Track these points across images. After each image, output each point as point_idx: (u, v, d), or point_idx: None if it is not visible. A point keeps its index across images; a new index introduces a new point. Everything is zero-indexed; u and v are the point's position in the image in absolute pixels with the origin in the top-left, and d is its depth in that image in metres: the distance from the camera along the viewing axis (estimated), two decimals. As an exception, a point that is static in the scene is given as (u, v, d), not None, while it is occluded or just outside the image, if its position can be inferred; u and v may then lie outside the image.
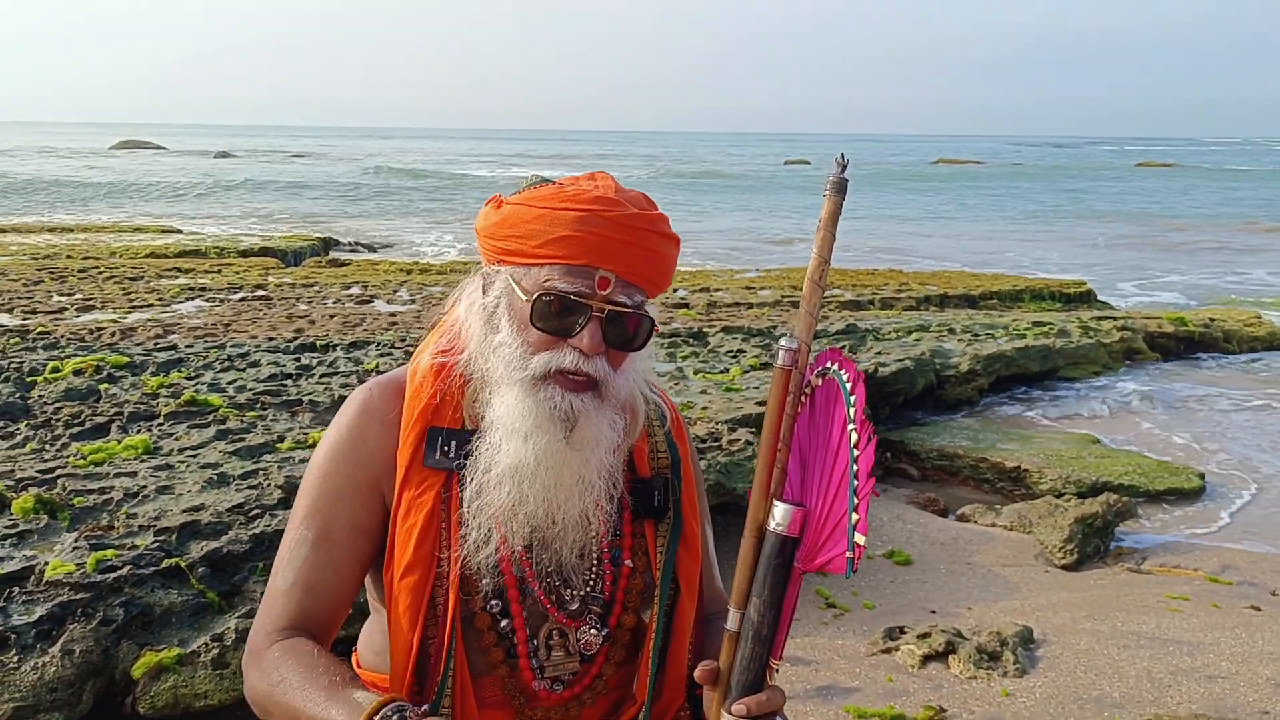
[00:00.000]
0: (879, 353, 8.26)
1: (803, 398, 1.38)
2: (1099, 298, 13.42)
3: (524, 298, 1.46)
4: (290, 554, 1.50)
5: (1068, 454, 6.94)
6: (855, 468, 1.28)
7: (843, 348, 8.28)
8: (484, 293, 1.53)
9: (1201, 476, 6.74)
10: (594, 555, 1.54)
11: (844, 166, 1.33)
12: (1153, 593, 4.99)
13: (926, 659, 4.12)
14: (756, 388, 6.56)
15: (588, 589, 1.53)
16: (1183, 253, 23.64)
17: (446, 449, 1.50)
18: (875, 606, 4.72)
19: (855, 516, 1.27)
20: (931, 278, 13.58)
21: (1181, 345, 11.09)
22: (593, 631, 1.52)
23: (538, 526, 1.48)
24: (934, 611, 4.67)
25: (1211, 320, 11.63)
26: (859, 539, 1.27)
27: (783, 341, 1.36)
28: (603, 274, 1.44)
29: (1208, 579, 5.21)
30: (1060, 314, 11.46)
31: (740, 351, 7.88)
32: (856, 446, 1.29)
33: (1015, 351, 9.05)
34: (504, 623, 1.49)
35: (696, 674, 1.39)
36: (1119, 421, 8.44)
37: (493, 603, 1.48)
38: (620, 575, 1.55)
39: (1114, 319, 11.32)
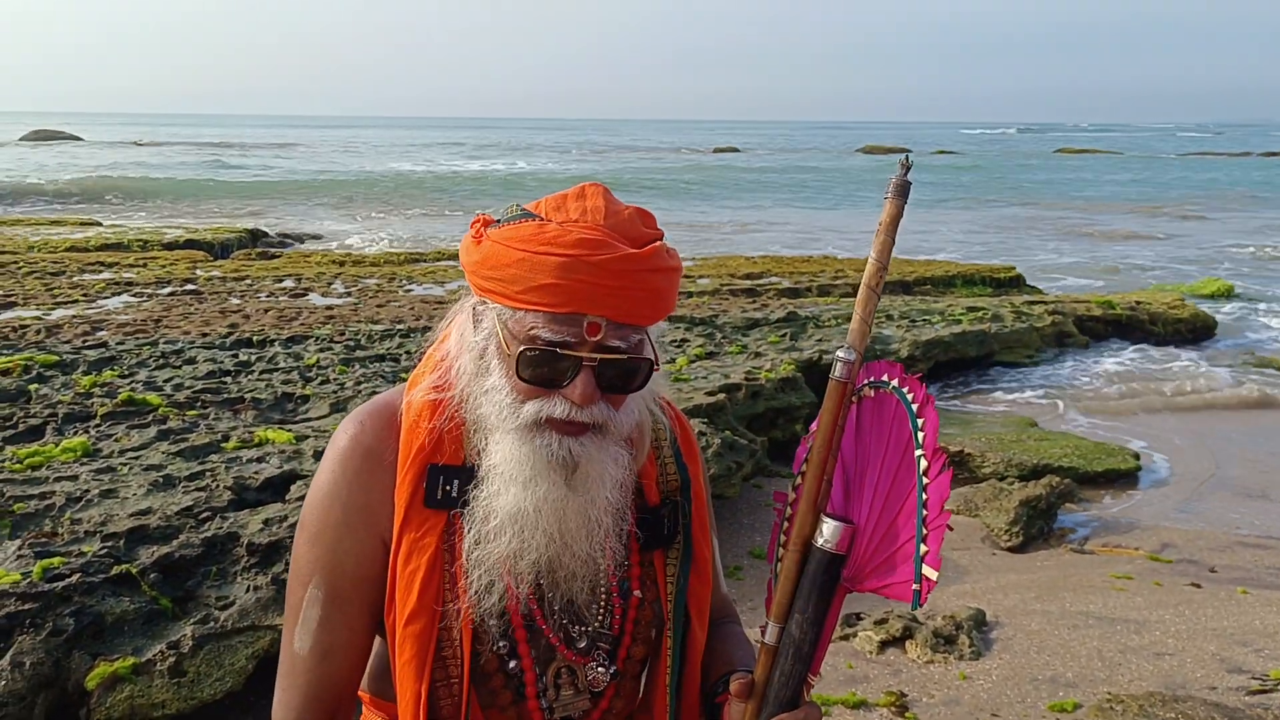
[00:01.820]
0: (820, 340, 8.32)
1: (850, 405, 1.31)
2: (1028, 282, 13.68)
3: (509, 345, 1.36)
4: (303, 614, 1.42)
5: (1008, 437, 7.07)
6: (924, 497, 1.23)
7: (785, 335, 8.35)
8: (474, 328, 1.43)
9: (1137, 456, 6.91)
10: (603, 591, 1.47)
11: (907, 169, 1.27)
12: (1097, 572, 5.10)
13: (884, 644, 4.17)
14: (705, 377, 6.57)
15: (597, 624, 1.46)
16: (1078, 236, 24.25)
17: (448, 487, 1.41)
18: (830, 593, 4.75)
19: (924, 548, 1.22)
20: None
21: (1110, 328, 11.35)
22: (600, 669, 1.46)
23: (543, 571, 1.41)
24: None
25: (1138, 303, 11.91)
26: (929, 572, 1.21)
27: (839, 353, 1.29)
28: (591, 320, 1.31)
29: (1149, 557, 5.34)
30: (992, 299, 11.65)
31: (684, 341, 7.89)
32: (926, 475, 1.23)
33: (953, 337, 9.18)
34: (512, 664, 1.42)
35: (732, 687, 1.33)
36: (1053, 404, 8.62)
37: (500, 644, 1.41)
38: (629, 607, 1.48)
39: (1044, 303, 11.54)
